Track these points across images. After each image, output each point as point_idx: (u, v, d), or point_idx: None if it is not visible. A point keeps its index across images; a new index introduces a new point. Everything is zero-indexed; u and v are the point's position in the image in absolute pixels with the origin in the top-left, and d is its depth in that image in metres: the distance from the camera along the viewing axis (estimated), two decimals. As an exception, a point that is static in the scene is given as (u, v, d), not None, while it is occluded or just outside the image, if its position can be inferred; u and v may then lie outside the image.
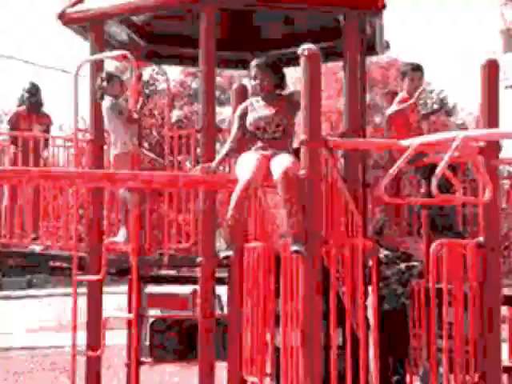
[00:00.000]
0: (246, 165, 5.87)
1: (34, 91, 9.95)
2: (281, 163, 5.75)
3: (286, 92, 6.09)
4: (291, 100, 6.01)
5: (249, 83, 6.21)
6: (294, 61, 6.05)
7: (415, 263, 7.04)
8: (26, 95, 9.93)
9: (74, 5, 8.50)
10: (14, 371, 13.83)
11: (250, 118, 6.02)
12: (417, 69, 8.62)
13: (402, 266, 6.71)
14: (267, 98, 6.05)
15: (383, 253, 6.96)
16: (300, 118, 5.79)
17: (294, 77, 10.46)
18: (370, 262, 6.02)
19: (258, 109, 6.02)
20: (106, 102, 7.80)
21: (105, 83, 7.80)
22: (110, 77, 7.91)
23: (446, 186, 5.78)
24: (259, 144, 5.97)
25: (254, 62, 6.10)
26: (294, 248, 5.67)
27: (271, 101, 6.04)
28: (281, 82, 6.08)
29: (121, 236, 7.94)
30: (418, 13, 72.97)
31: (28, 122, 9.85)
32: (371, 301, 5.92)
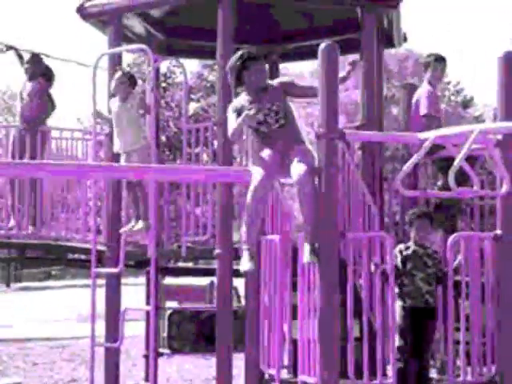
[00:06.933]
0: (260, 161, 5.79)
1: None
2: (297, 166, 5.64)
3: (269, 82, 5.93)
4: (275, 86, 5.90)
5: (230, 81, 5.96)
6: (312, 54, 6.03)
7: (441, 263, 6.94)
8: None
9: (92, -1, 8.54)
10: (32, 362, 13.92)
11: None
12: (440, 59, 8.57)
13: (430, 262, 6.62)
14: (255, 92, 5.89)
15: (412, 248, 6.87)
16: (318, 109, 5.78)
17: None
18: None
19: (251, 105, 5.84)
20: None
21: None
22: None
23: (463, 179, 5.78)
24: (267, 139, 5.85)
25: (234, 60, 5.85)
26: (307, 259, 5.68)
27: (259, 93, 5.89)
28: (262, 74, 5.89)
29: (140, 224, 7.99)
30: (435, 3, 72.61)
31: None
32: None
